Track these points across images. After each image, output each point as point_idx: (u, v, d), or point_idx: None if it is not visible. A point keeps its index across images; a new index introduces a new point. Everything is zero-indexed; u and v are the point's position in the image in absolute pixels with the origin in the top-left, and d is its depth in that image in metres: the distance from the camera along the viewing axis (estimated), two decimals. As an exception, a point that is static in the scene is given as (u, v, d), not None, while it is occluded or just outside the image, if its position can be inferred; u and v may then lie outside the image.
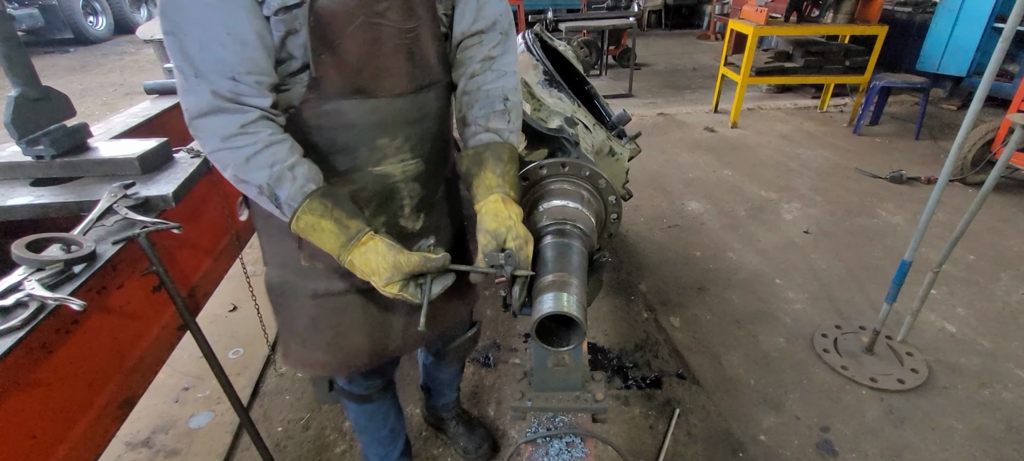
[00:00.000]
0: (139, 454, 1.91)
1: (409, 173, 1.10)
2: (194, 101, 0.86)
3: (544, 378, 1.10)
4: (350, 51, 0.92)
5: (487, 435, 1.91)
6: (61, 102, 1.41)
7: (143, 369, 1.25)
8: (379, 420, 1.57)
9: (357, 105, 0.98)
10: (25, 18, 8.71)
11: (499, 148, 1.05)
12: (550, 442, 1.04)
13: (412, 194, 1.13)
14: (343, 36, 0.90)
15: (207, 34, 0.82)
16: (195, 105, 0.86)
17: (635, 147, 2.11)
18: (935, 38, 5.59)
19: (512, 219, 0.98)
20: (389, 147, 1.05)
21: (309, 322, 1.19)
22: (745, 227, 3.42)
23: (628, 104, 6.26)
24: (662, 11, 11.94)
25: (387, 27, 0.93)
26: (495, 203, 1.00)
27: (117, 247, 1.12)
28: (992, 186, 1.87)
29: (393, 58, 0.97)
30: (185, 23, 0.82)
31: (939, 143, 4.81)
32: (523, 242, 0.96)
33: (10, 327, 0.89)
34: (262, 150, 0.88)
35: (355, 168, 1.04)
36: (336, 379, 1.42)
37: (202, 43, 0.82)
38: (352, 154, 1.03)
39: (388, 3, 0.92)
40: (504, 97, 1.09)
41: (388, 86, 0.99)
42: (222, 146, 0.88)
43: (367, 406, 1.50)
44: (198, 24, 0.82)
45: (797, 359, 2.32)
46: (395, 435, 1.65)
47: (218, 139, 0.87)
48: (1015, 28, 1.57)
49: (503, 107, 1.08)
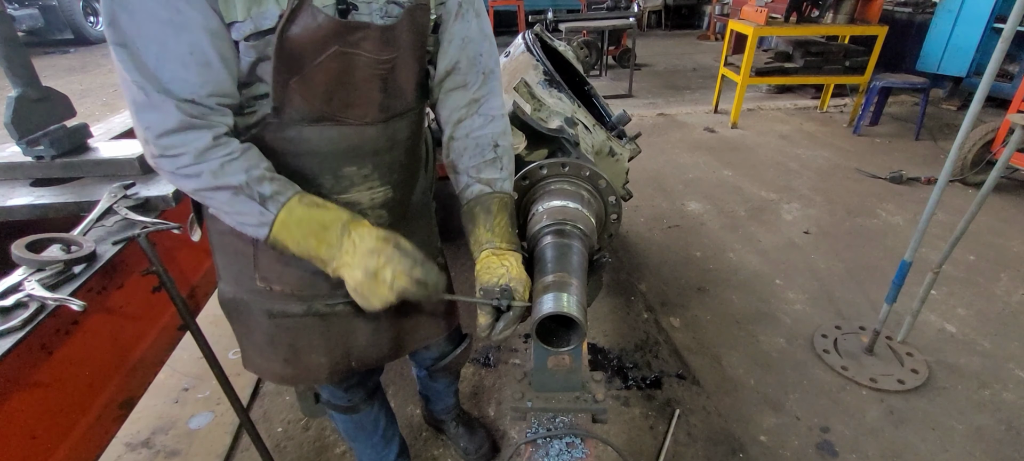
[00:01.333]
0: (139, 455, 1.91)
1: (377, 200, 1.07)
2: (159, 118, 0.79)
3: (544, 378, 1.10)
4: (318, 80, 0.88)
5: (487, 436, 1.90)
6: (61, 102, 1.41)
7: (143, 369, 1.25)
8: (368, 428, 1.55)
9: (322, 131, 0.94)
10: (25, 18, 8.71)
11: (488, 200, 1.04)
12: (550, 442, 1.03)
13: (379, 221, 1.08)
14: (313, 65, 0.86)
15: (165, 51, 0.77)
16: (161, 122, 0.79)
17: (635, 147, 2.11)
18: (935, 38, 5.59)
19: (504, 267, 0.97)
20: (356, 176, 1.01)
21: (265, 338, 1.15)
22: (745, 227, 3.42)
23: (628, 104, 6.27)
24: (662, 11, 11.95)
25: (362, 57, 0.89)
26: (486, 258, 1.00)
27: (117, 247, 1.12)
28: (992, 186, 1.87)
29: (366, 88, 0.93)
30: (139, 37, 0.76)
31: (939, 143, 4.81)
32: (518, 283, 0.96)
33: (10, 327, 0.89)
34: (238, 156, 0.84)
35: (320, 196, 0.98)
36: (320, 390, 1.40)
37: (159, 58, 0.77)
38: (316, 183, 0.98)
39: (363, 34, 0.87)
40: (494, 144, 1.07)
41: (357, 114, 0.95)
42: (195, 162, 0.82)
43: (354, 416, 1.48)
44: (155, 40, 0.76)
45: (797, 359, 2.32)
46: (388, 439, 1.62)
47: (191, 155, 0.81)
48: (1015, 28, 1.57)
49: (494, 155, 1.06)
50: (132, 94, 0.79)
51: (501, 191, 1.06)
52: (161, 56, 0.77)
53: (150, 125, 0.80)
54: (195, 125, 0.81)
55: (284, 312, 1.11)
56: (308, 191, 0.93)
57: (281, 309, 1.11)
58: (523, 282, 0.97)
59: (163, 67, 0.77)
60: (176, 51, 0.77)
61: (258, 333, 1.16)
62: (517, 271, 0.97)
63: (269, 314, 1.12)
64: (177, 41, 0.77)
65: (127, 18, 0.75)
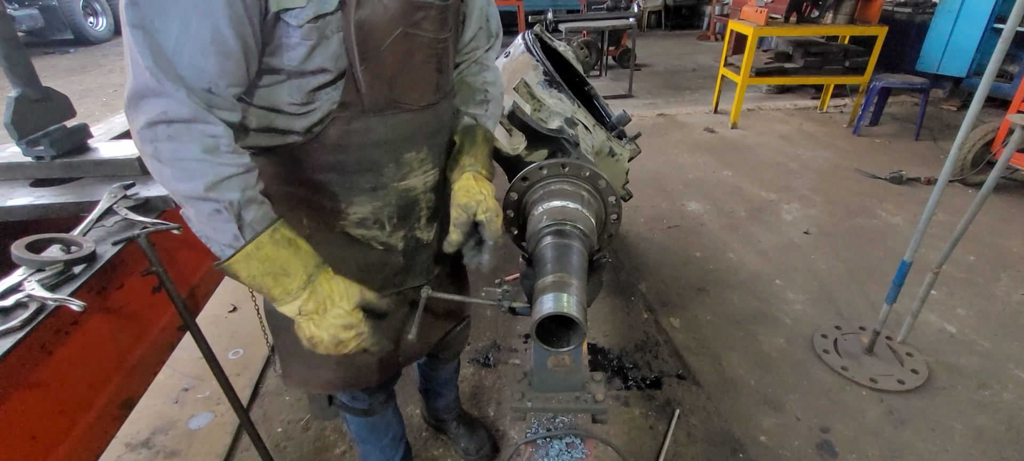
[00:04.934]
0: (139, 455, 1.91)
1: (429, 184, 1.11)
2: (168, 105, 0.74)
3: (544, 379, 1.10)
4: (387, 64, 0.88)
5: (488, 436, 1.90)
6: (61, 103, 1.41)
7: (143, 370, 1.24)
8: (380, 430, 1.56)
9: (388, 120, 0.95)
10: (25, 19, 8.72)
11: (474, 131, 1.12)
12: (550, 443, 1.04)
13: (429, 204, 1.14)
14: (381, 49, 0.86)
15: (186, 36, 0.72)
16: (170, 109, 0.74)
17: (635, 148, 2.11)
18: (935, 38, 5.59)
19: (482, 194, 1.04)
20: (415, 160, 1.04)
21: None
22: (745, 228, 3.42)
23: (628, 105, 6.27)
24: (662, 12, 11.95)
25: (422, 38, 0.91)
26: (466, 180, 1.06)
27: (117, 248, 1.12)
28: (992, 186, 1.87)
29: (424, 70, 0.95)
30: (159, 18, 0.71)
31: (939, 144, 4.81)
32: (493, 214, 1.04)
33: (10, 328, 0.89)
34: (240, 174, 0.80)
35: (380, 186, 1.01)
36: (336, 395, 1.40)
37: (178, 43, 0.72)
38: (379, 172, 0.99)
39: (424, 13, 0.89)
40: (484, 89, 1.17)
41: (417, 98, 0.97)
42: (197, 159, 0.77)
43: (368, 419, 1.48)
44: (177, 23, 0.71)
45: (797, 360, 2.32)
46: (396, 442, 1.63)
47: (198, 149, 0.76)
48: (1015, 28, 1.57)
49: (483, 97, 1.17)
50: (140, 80, 0.73)
51: (485, 127, 1.16)
52: (181, 41, 0.73)
53: (166, 110, 0.74)
54: (205, 119, 0.77)
55: None
56: (371, 180, 0.99)
57: None
58: (496, 212, 1.06)
59: (181, 53, 0.73)
60: (198, 37, 0.73)
61: None
62: (492, 201, 1.05)
63: None
64: (200, 26, 0.73)
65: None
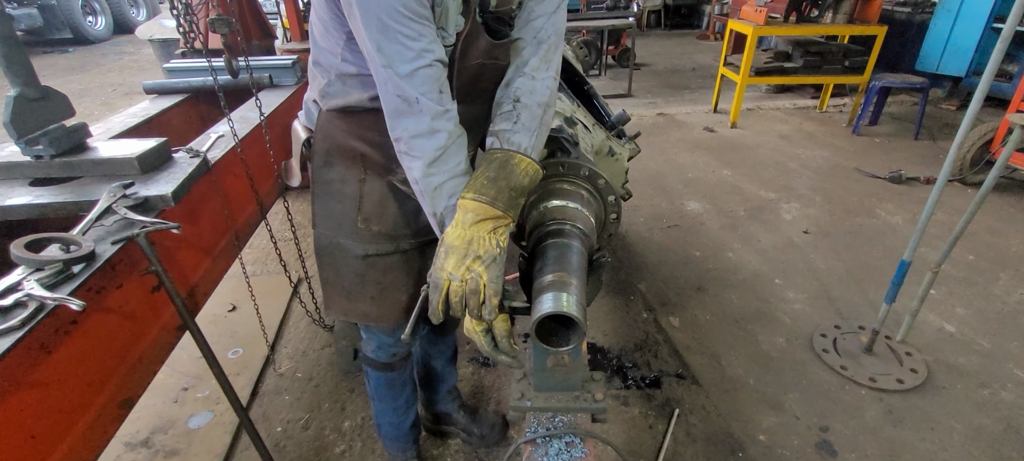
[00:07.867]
0: (138, 454, 1.91)
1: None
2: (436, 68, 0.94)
3: (544, 378, 1.10)
4: (461, 81, 1.04)
5: (497, 415, 1.92)
6: (60, 102, 1.40)
7: (142, 369, 1.24)
8: (397, 388, 1.63)
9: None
10: (24, 18, 8.71)
11: (488, 156, 1.00)
12: (550, 442, 1.03)
13: None
14: (456, 69, 1.01)
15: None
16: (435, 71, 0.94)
17: (634, 147, 2.11)
18: (934, 38, 5.60)
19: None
20: (471, 145, 1.15)
21: (356, 279, 1.28)
22: (744, 227, 3.42)
23: (627, 104, 6.27)
24: (661, 11, 11.95)
25: (495, 66, 1.06)
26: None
27: (116, 247, 1.12)
28: (991, 186, 1.87)
29: (489, 87, 1.10)
30: None
31: (938, 143, 4.82)
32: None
33: (9, 327, 0.89)
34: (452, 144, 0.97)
35: None
36: (361, 348, 1.55)
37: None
38: None
39: (503, 47, 1.03)
40: (516, 98, 1.03)
41: (478, 106, 1.13)
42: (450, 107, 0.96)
43: (388, 374, 1.57)
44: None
45: (796, 359, 2.32)
46: (408, 405, 1.70)
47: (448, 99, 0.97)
48: (1014, 28, 1.57)
49: (510, 107, 1.03)
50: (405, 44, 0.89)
51: (504, 147, 0.99)
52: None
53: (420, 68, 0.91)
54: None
55: (377, 252, 1.25)
56: None
57: (375, 249, 1.25)
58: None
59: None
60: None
61: (349, 275, 1.28)
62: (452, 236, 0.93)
63: (364, 255, 1.25)
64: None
65: None
